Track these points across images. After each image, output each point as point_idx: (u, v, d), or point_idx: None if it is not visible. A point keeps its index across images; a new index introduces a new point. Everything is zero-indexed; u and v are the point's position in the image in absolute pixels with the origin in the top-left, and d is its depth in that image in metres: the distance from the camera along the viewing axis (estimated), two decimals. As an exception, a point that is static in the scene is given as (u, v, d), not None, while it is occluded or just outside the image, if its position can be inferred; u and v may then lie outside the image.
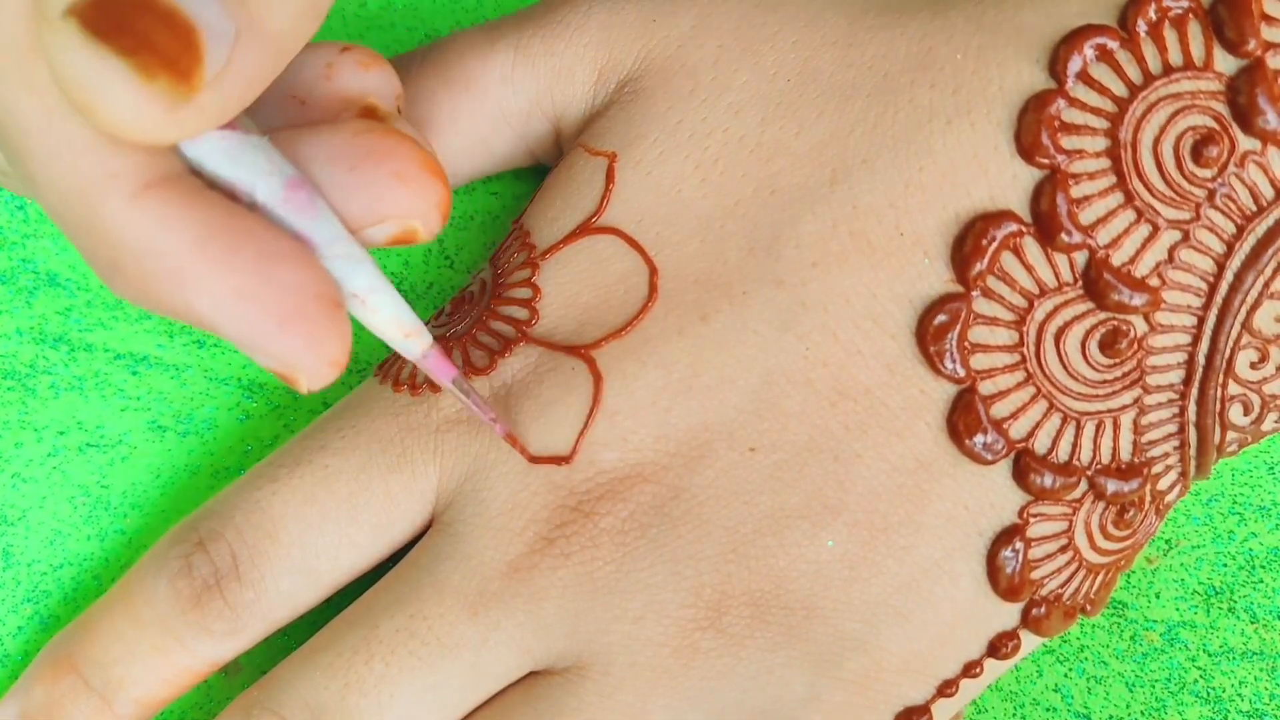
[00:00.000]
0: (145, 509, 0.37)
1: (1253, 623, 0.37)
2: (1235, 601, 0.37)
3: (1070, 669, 0.37)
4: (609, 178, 0.33)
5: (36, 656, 0.34)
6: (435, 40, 0.36)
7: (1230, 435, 0.32)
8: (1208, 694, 0.37)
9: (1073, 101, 0.30)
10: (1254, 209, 0.30)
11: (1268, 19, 0.29)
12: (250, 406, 0.37)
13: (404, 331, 0.29)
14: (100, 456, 0.36)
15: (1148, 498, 0.32)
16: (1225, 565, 0.37)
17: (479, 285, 0.34)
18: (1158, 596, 0.37)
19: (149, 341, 0.37)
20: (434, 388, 0.33)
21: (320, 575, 0.33)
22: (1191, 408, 0.31)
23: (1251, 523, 0.37)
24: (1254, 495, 0.37)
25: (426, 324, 0.34)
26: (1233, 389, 0.31)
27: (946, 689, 0.33)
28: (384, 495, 0.32)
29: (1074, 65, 0.30)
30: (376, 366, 0.35)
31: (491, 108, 0.35)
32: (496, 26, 0.35)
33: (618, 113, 0.34)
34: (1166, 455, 0.32)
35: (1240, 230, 0.30)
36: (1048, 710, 0.37)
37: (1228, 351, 0.31)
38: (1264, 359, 0.31)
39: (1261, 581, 0.37)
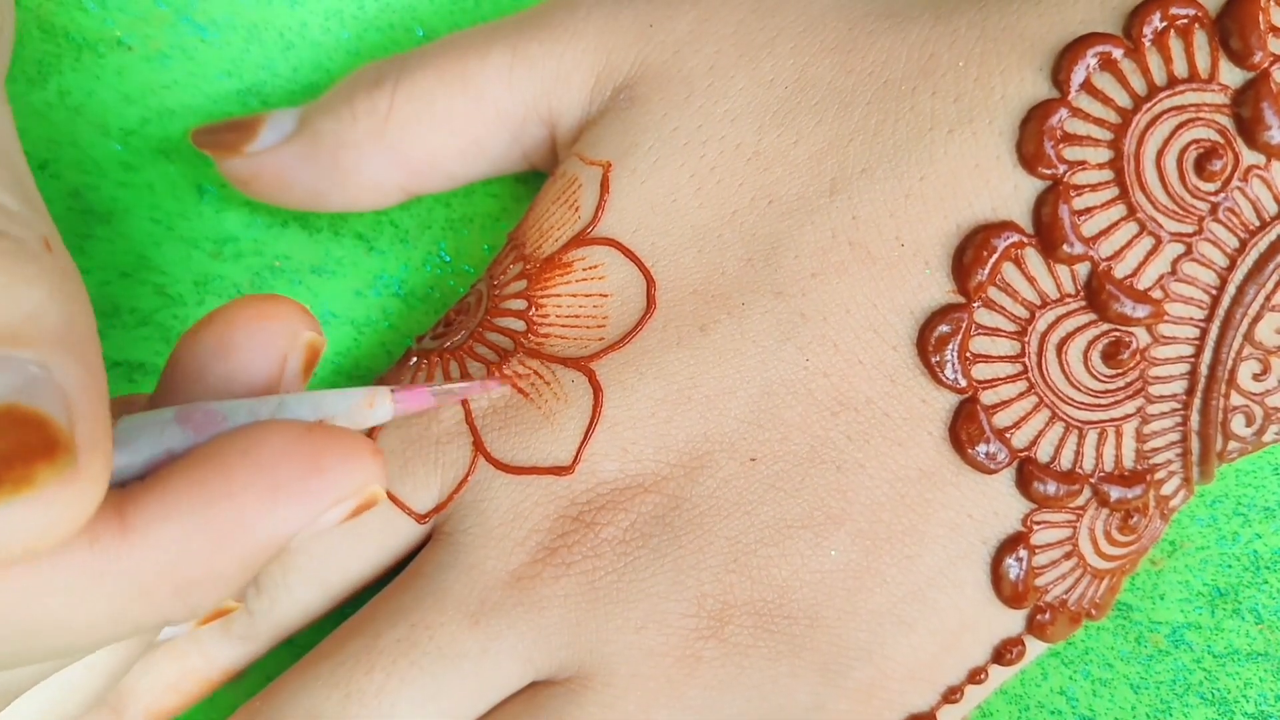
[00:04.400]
0: (151, 512, 0.36)
1: (1258, 624, 0.37)
2: (1240, 603, 0.37)
3: (1075, 672, 0.37)
4: (604, 187, 0.33)
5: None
6: (433, 41, 0.36)
7: (1232, 445, 0.32)
8: (1213, 696, 0.36)
9: (1076, 111, 0.30)
10: (1256, 223, 0.30)
11: (1275, 30, 0.29)
12: (251, 411, 0.37)
13: (366, 406, 0.28)
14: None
15: (1151, 503, 0.32)
16: (1230, 566, 0.37)
17: (476, 297, 0.34)
18: (1162, 598, 0.37)
19: (146, 349, 0.37)
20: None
21: (330, 584, 0.33)
22: (1194, 417, 0.31)
23: (1256, 524, 0.37)
24: (1258, 496, 0.37)
25: (426, 335, 0.34)
26: (1235, 400, 0.31)
27: (952, 695, 0.33)
28: (387, 507, 0.32)
29: (1077, 74, 0.30)
30: (376, 380, 0.34)
31: (488, 109, 0.35)
32: (494, 29, 0.35)
33: (613, 120, 0.33)
34: (1169, 462, 0.32)
35: (1243, 244, 0.30)
36: (1053, 713, 0.37)
37: (1230, 363, 0.31)
38: (1266, 371, 0.31)
39: (1266, 583, 0.37)
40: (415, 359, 0.34)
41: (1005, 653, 0.33)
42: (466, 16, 0.39)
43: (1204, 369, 0.31)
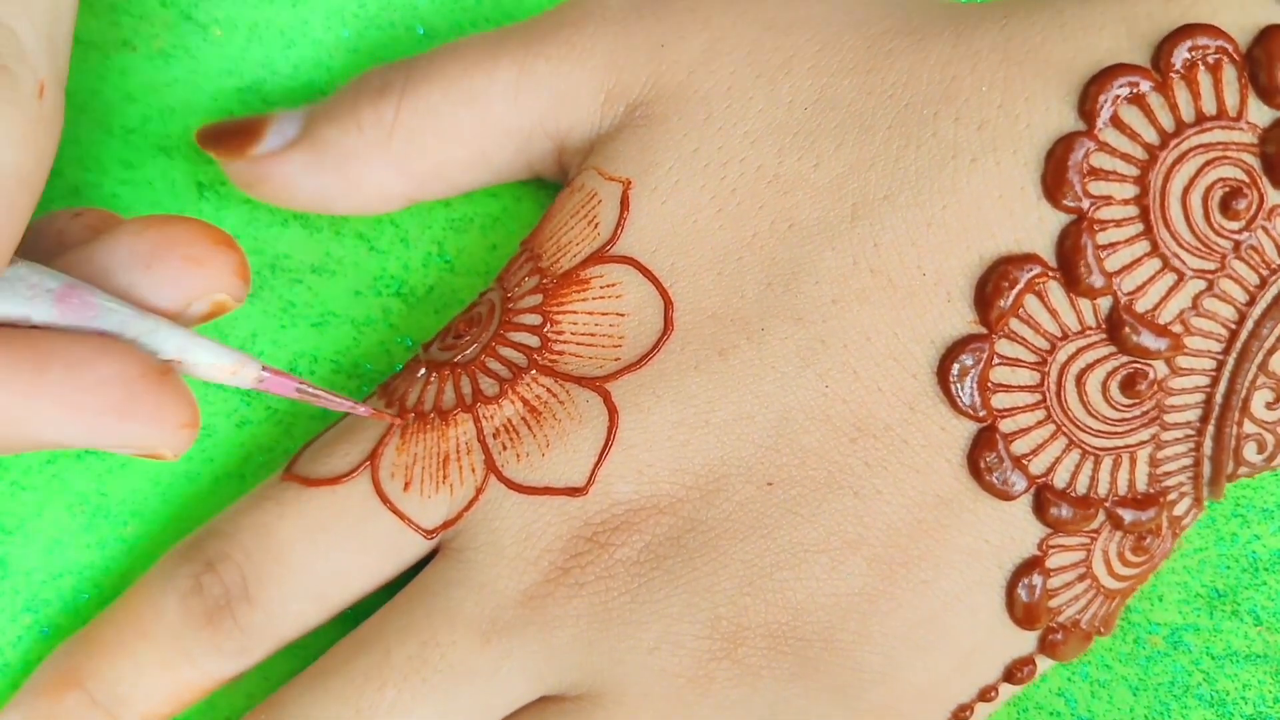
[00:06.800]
0: (144, 516, 0.36)
1: (1256, 625, 0.37)
2: (1239, 604, 0.37)
3: (1074, 673, 0.37)
4: (624, 204, 0.32)
5: (37, 668, 0.34)
6: (436, 46, 0.35)
7: (1242, 469, 0.32)
8: (1211, 697, 0.37)
9: (1102, 146, 0.30)
10: (1278, 262, 0.30)
11: None
12: (248, 413, 0.37)
13: (229, 371, 0.30)
14: (99, 464, 0.36)
15: (1164, 524, 0.32)
16: (1229, 568, 0.37)
17: (487, 307, 0.33)
18: (1161, 600, 0.37)
19: (147, 346, 0.36)
20: (443, 415, 0.32)
21: (328, 598, 0.32)
22: (1208, 443, 0.31)
23: (1255, 525, 0.37)
24: (1257, 497, 0.38)
25: (430, 343, 0.34)
26: (1248, 428, 0.31)
27: (962, 713, 0.33)
28: (393, 521, 0.32)
29: (1105, 108, 0.30)
30: (379, 386, 0.34)
31: (493, 124, 0.34)
32: (501, 40, 0.34)
33: (631, 137, 0.33)
34: (1181, 485, 0.32)
35: (1264, 281, 0.30)
36: (1051, 715, 0.37)
37: (1244, 392, 0.31)
38: (1279, 400, 0.31)
39: (1265, 584, 0.37)
40: (424, 370, 0.33)
41: (1016, 671, 0.33)
42: (468, 15, 0.38)
43: (1219, 398, 0.31)
